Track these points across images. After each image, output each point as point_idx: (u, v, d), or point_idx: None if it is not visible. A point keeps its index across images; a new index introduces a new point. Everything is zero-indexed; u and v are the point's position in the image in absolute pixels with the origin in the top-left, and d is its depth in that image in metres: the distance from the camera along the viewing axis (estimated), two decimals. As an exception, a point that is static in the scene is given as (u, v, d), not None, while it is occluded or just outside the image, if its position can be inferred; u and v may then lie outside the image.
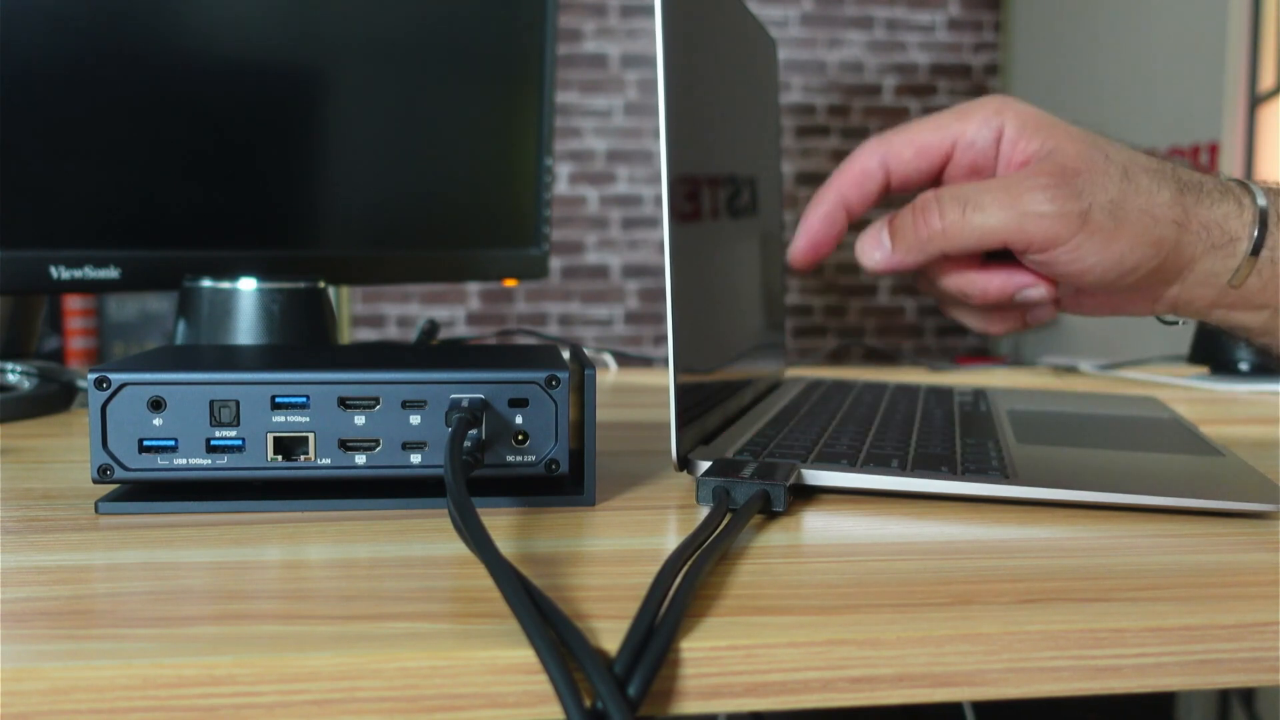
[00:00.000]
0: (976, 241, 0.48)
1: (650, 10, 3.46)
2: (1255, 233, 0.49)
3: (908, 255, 0.50)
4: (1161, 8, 3.06)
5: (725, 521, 0.40)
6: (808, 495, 0.48)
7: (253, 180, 0.76)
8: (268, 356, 0.50)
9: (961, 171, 0.50)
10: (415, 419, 0.44)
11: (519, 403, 0.44)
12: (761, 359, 0.71)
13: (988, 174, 0.51)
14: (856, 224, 0.52)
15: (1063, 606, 0.34)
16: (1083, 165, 0.47)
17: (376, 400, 0.44)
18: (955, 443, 0.56)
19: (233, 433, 0.43)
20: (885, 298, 3.64)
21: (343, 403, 0.43)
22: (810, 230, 0.51)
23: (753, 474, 0.45)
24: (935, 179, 0.52)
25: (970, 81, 3.67)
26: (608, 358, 1.10)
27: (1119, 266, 0.48)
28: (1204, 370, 1.03)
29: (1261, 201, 0.49)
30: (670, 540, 0.41)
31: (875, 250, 0.51)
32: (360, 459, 0.44)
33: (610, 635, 0.31)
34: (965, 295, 0.52)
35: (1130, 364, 1.10)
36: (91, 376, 0.42)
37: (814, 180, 3.60)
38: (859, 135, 3.62)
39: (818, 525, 0.44)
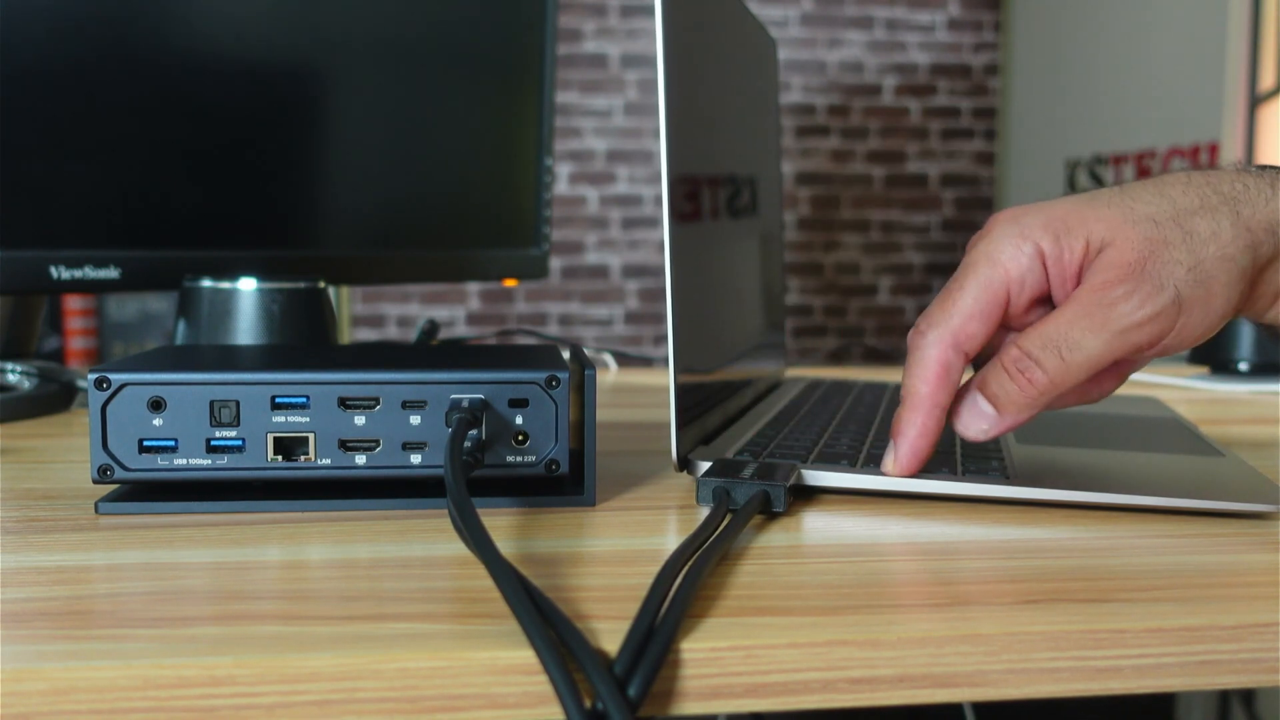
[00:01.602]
0: (1085, 376, 0.45)
1: (650, 10, 3.46)
2: None
3: (1020, 415, 0.46)
4: (1161, 8, 3.06)
5: (725, 522, 0.40)
6: (808, 495, 0.48)
7: (253, 180, 0.76)
8: (268, 357, 0.50)
9: (1023, 308, 0.46)
10: (415, 419, 0.44)
11: (519, 403, 0.44)
12: (761, 359, 0.71)
13: (1047, 297, 0.47)
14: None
15: (1063, 607, 0.34)
16: (1144, 250, 0.44)
17: (376, 400, 0.44)
18: (955, 443, 0.56)
19: (233, 433, 0.43)
20: (885, 298, 3.64)
21: (343, 403, 0.43)
22: (917, 451, 0.47)
23: (753, 474, 0.45)
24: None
25: (970, 81, 3.67)
26: (608, 358, 1.10)
27: (1222, 318, 0.45)
28: (1204, 370, 1.03)
29: None
30: (670, 540, 0.41)
31: (980, 422, 0.47)
32: (360, 459, 0.44)
33: (610, 635, 0.31)
34: (1085, 402, 0.50)
35: (1130, 364, 1.09)
36: (91, 376, 0.42)
37: (814, 180, 3.60)
38: (859, 135, 3.62)
39: (818, 525, 0.44)
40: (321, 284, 0.71)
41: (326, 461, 0.44)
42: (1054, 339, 0.44)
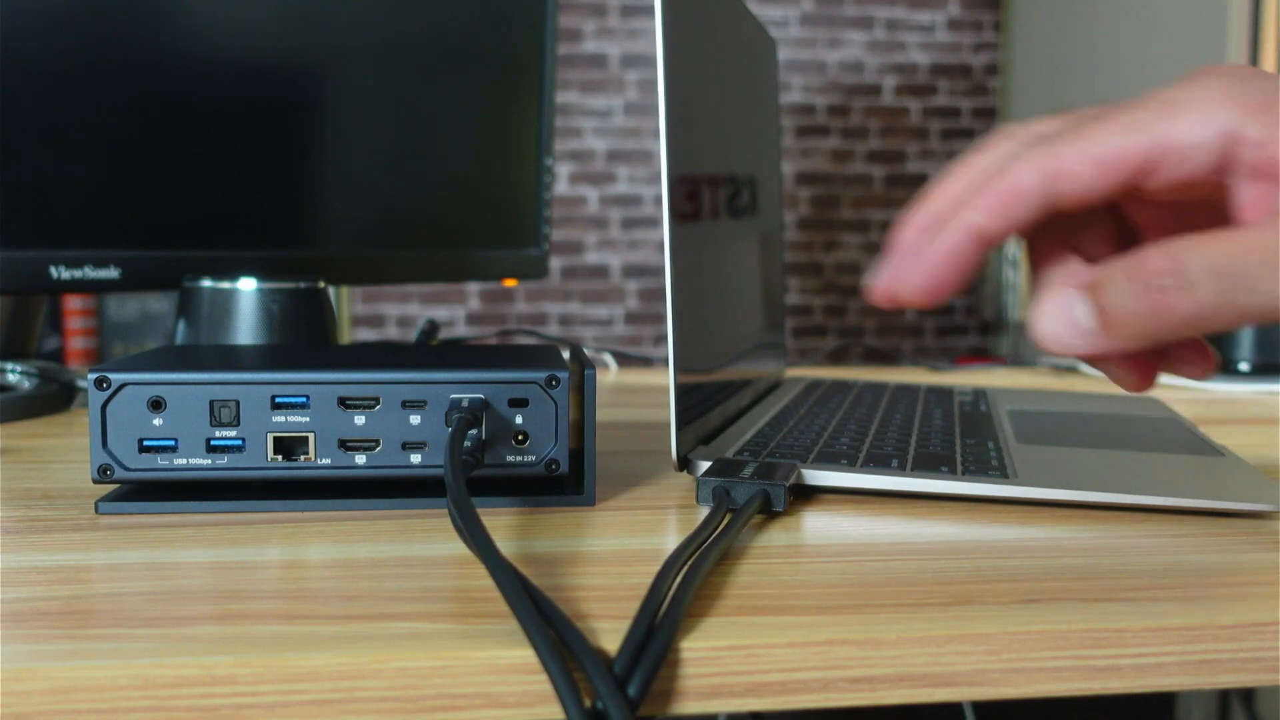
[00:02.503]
0: (1239, 326, 0.32)
1: (650, 10, 3.46)
2: None
3: (1127, 344, 0.33)
4: (1161, 8, 3.06)
5: (725, 521, 0.40)
6: (808, 495, 0.48)
7: (253, 180, 0.76)
8: (268, 356, 0.50)
9: (1166, 194, 0.33)
10: (415, 419, 0.44)
11: (519, 403, 0.44)
12: (761, 359, 0.71)
13: (1205, 200, 0.34)
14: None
15: (1063, 606, 0.34)
16: None
17: (376, 400, 0.44)
18: (955, 443, 0.56)
19: (233, 433, 0.43)
20: (885, 298, 3.63)
21: (343, 403, 0.43)
22: (933, 269, 0.34)
23: (753, 474, 0.45)
24: (1114, 206, 0.36)
25: (970, 81, 3.67)
26: (608, 358, 1.10)
27: None
28: (1204, 370, 1.03)
29: None
30: (670, 540, 0.41)
31: (1069, 332, 0.34)
32: (360, 459, 0.44)
33: (610, 635, 0.31)
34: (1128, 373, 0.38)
35: (1130, 364, 1.09)
36: (91, 376, 0.42)
37: (814, 180, 3.60)
38: (859, 135, 3.62)
39: (818, 525, 0.44)
40: (321, 284, 0.71)
41: (326, 461, 0.44)
42: (1225, 266, 0.31)
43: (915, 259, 0.34)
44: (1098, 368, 0.38)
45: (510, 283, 0.98)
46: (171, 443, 0.43)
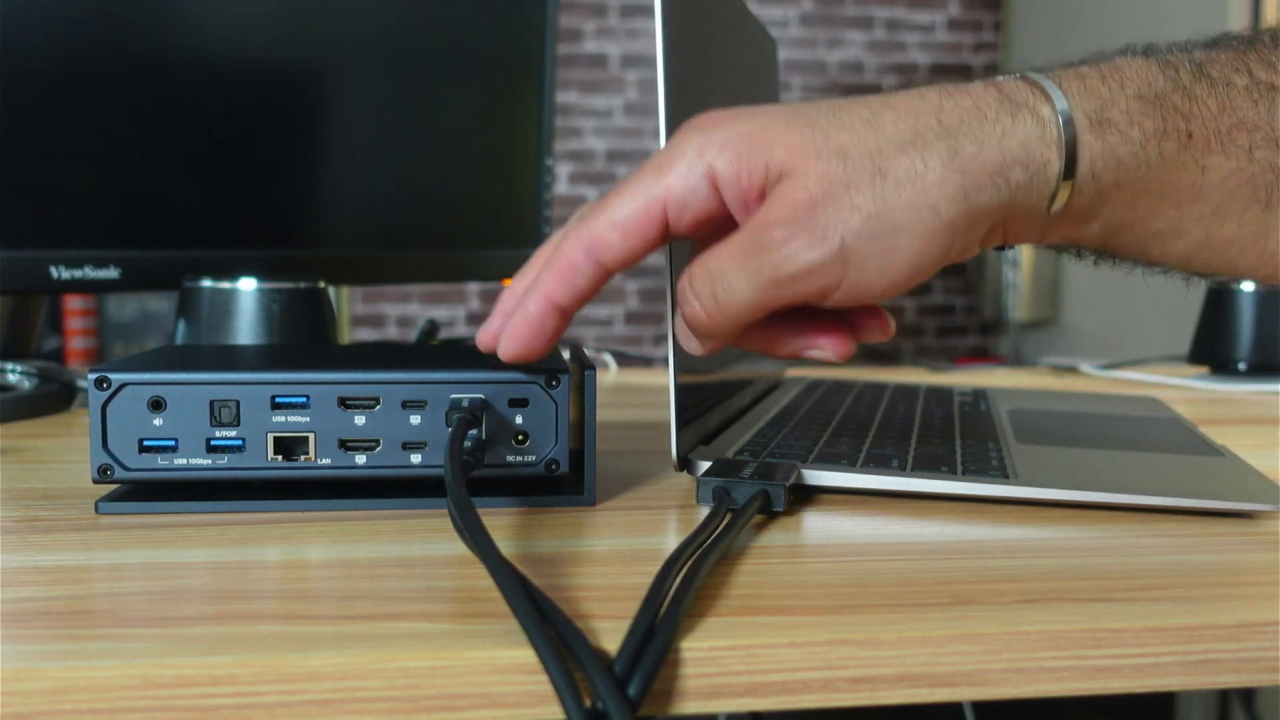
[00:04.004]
0: (745, 320, 0.40)
1: (650, 10, 3.46)
2: (1063, 151, 0.39)
3: (707, 344, 0.42)
4: (1161, 8, 3.06)
5: (725, 521, 0.40)
6: (808, 495, 0.48)
7: (253, 180, 0.76)
8: (268, 356, 0.50)
9: (689, 231, 0.40)
10: (415, 419, 0.44)
11: (519, 403, 0.44)
12: (761, 359, 0.71)
13: (726, 222, 0.40)
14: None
15: (1063, 606, 0.34)
16: (819, 189, 0.38)
17: (376, 400, 0.44)
18: (955, 443, 0.56)
19: (233, 433, 0.43)
20: (885, 298, 3.64)
21: (343, 403, 0.43)
22: (522, 335, 0.41)
23: (753, 474, 0.45)
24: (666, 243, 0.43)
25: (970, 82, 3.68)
26: (608, 358, 1.10)
27: (915, 272, 0.39)
28: (1204, 370, 1.03)
29: (1061, 104, 0.39)
30: (670, 540, 0.41)
31: (686, 340, 0.43)
32: (360, 459, 0.44)
33: (610, 635, 0.31)
34: (768, 353, 0.45)
35: (1130, 364, 1.10)
36: (91, 376, 0.42)
37: (814, 180, 3.60)
38: (859, 135, 3.62)
39: (818, 525, 0.44)
40: (321, 284, 0.71)
41: (326, 461, 0.44)
42: (713, 275, 0.39)
43: (510, 324, 0.42)
44: (759, 353, 0.45)
45: (510, 283, 0.98)
46: (172, 443, 0.43)
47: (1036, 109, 0.39)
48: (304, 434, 0.43)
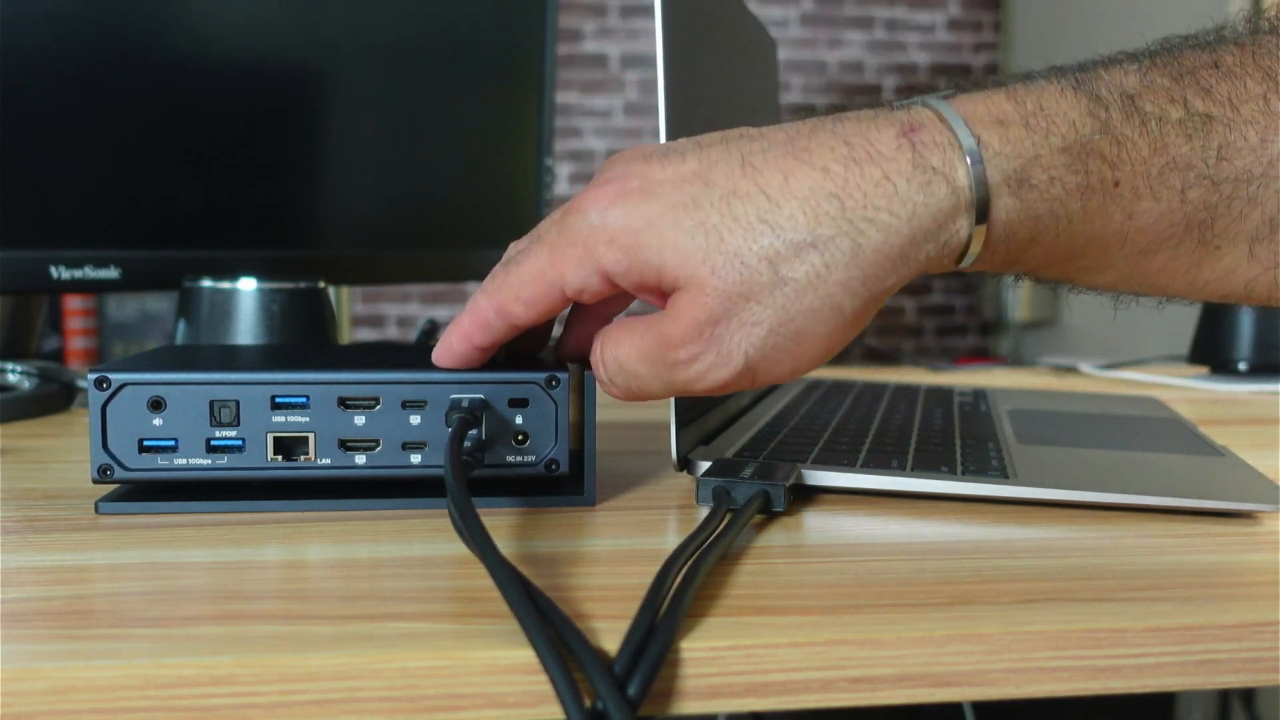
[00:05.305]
0: (664, 398, 0.42)
1: (650, 10, 3.46)
2: (974, 202, 0.37)
3: (630, 399, 0.42)
4: (1161, 9, 3.06)
5: (725, 521, 0.40)
6: (808, 495, 0.48)
7: (253, 180, 0.76)
8: (268, 356, 0.50)
9: (593, 303, 0.42)
10: (415, 419, 0.44)
11: (519, 403, 0.44)
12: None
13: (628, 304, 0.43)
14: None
15: (1063, 606, 0.34)
16: (719, 308, 0.37)
17: (376, 400, 0.44)
18: (955, 443, 0.56)
19: (233, 433, 0.43)
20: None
21: (343, 403, 0.43)
22: (451, 357, 0.44)
23: (753, 474, 0.45)
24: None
25: (970, 82, 3.67)
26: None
27: (826, 356, 0.39)
28: (1204, 370, 1.03)
29: (968, 141, 0.37)
30: (670, 540, 0.41)
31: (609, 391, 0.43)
32: (360, 459, 0.44)
33: (610, 635, 0.31)
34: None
35: (1130, 364, 1.10)
36: (91, 376, 0.42)
37: (814, 180, 3.60)
38: (859, 135, 3.61)
39: (818, 525, 0.44)
40: (321, 284, 0.71)
41: (326, 461, 0.44)
42: (624, 370, 0.40)
43: (435, 353, 0.44)
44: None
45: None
46: (171, 443, 0.43)
47: (952, 175, 0.37)
48: (304, 434, 0.43)
